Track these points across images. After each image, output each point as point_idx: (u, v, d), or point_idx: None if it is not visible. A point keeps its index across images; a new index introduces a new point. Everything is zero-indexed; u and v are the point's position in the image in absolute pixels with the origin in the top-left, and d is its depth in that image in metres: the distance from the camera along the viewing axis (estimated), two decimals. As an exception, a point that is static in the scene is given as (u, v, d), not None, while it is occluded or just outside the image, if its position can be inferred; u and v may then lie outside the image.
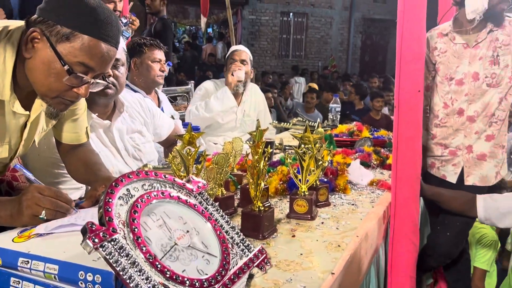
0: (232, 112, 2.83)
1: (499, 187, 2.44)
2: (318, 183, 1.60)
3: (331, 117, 3.17)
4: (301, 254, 1.19)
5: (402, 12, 1.53)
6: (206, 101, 2.77)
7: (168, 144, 2.26)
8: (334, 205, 1.62)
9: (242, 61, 2.84)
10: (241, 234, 1.10)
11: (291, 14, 13.00)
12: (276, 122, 3.29)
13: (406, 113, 1.59)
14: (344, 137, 2.60)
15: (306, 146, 1.50)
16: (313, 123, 2.70)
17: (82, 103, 1.49)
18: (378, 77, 8.48)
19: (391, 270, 1.66)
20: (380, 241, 1.61)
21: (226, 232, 1.07)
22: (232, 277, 0.96)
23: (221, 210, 1.11)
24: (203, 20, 5.55)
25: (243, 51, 2.90)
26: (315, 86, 6.86)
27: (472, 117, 2.20)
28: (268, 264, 1.09)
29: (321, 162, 1.56)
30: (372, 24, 13.42)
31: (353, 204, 1.64)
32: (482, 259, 2.53)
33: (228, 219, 1.10)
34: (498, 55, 2.15)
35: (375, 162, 2.19)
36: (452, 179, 2.26)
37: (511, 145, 4.06)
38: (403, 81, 1.57)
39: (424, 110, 2.30)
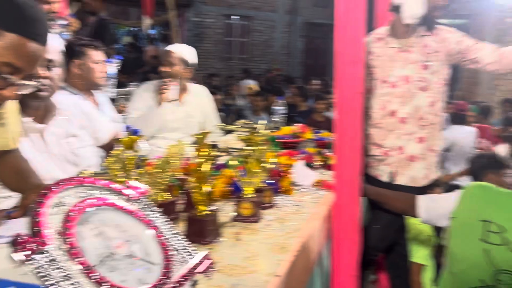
0: (172, 111, 2.76)
1: (433, 184, 2.55)
2: (262, 185, 1.59)
3: (275, 119, 3.20)
4: (246, 257, 1.18)
5: (341, 15, 1.56)
6: (137, 119, 2.69)
7: (109, 148, 2.17)
8: (279, 207, 1.62)
9: (169, 62, 2.73)
10: (185, 240, 1.08)
11: (235, 17, 13.04)
12: (223, 124, 3.27)
13: (346, 114, 1.63)
14: (288, 138, 2.62)
15: (251, 148, 1.49)
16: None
17: (11, 106, 1.40)
18: (319, 79, 8.68)
19: (334, 270, 1.69)
20: (324, 241, 1.63)
21: (168, 238, 1.03)
22: (174, 285, 0.93)
23: (164, 216, 1.07)
24: (147, 22, 5.43)
25: (171, 52, 2.76)
26: (255, 88, 6.88)
27: (403, 119, 2.30)
28: (213, 269, 1.07)
29: (265, 164, 1.56)
30: (315, 28, 13.72)
31: (297, 205, 1.65)
32: (419, 254, 2.64)
33: (171, 225, 1.07)
34: (429, 60, 2.26)
35: (318, 163, 2.23)
36: (385, 178, 2.35)
37: (450, 143, 4.28)
38: (342, 84, 1.61)
39: (366, 111, 2.38)
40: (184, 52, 2.80)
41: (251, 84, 9.20)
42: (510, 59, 2.20)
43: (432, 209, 1.78)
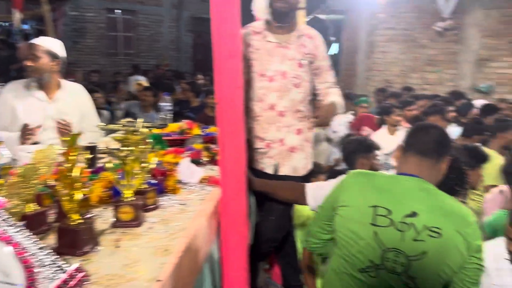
0: (40, 108, 2.53)
1: (317, 172, 2.68)
2: (144, 187, 1.53)
3: (162, 116, 3.11)
4: (126, 265, 1.12)
5: (216, 10, 1.55)
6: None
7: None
8: (164, 207, 1.57)
9: (34, 56, 2.50)
10: (53, 254, 0.98)
11: (118, 11, 12.47)
12: (104, 124, 3.08)
13: (227, 109, 1.63)
14: (175, 136, 2.56)
15: (128, 148, 1.42)
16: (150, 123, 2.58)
17: None
18: (206, 74, 8.67)
19: (224, 265, 1.69)
20: (212, 237, 1.62)
21: (33, 254, 0.93)
22: (39, 306, 0.84)
23: (27, 230, 0.97)
24: (17, 16, 4.91)
25: (35, 45, 2.53)
26: (144, 83, 6.66)
27: (282, 112, 2.38)
28: (87, 282, 0.99)
29: (145, 164, 1.50)
30: (202, 23, 13.62)
31: (183, 204, 1.61)
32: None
33: (36, 239, 0.97)
34: (304, 59, 2.38)
35: (206, 159, 2.21)
36: (269, 170, 2.42)
37: (325, 136, 4.54)
38: (222, 78, 1.60)
39: (247, 105, 2.41)
40: (50, 44, 2.57)
41: (141, 80, 8.89)
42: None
43: (319, 196, 1.85)
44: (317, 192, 1.90)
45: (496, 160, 3.06)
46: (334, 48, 10.90)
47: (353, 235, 1.56)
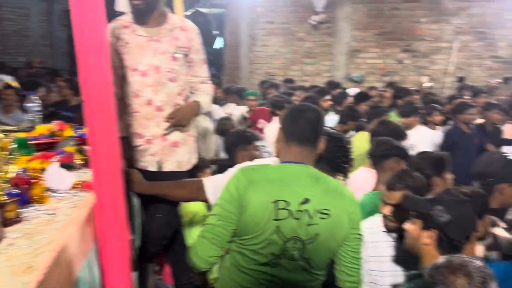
0: None
1: (202, 166, 2.65)
2: (3, 198, 1.36)
3: (30, 118, 2.82)
4: (-22, 290, 0.98)
5: (76, 2, 1.43)
6: None
7: None
8: (29, 220, 1.41)
9: None
10: None
11: (-24, 3, 11.13)
12: (-40, 130, 2.72)
13: (97, 106, 1.51)
14: (44, 139, 2.33)
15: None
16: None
17: None
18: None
19: (105, 272, 1.58)
20: (88, 246, 1.50)
21: None
22: None
23: None
24: None
25: None
26: (12, 83, 6.05)
27: (159, 107, 2.31)
28: None
29: (2, 173, 1.33)
30: (77, 16, 12.74)
31: (51, 214, 1.47)
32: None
33: None
34: (177, 52, 2.32)
35: (80, 162, 2.05)
36: (153, 168, 2.33)
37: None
38: (88, 74, 1.48)
39: (123, 101, 2.30)
40: None
41: (8, 80, 8.06)
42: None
43: (219, 188, 1.80)
44: (215, 185, 1.86)
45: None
46: (219, 42, 10.95)
47: (256, 233, 1.56)
